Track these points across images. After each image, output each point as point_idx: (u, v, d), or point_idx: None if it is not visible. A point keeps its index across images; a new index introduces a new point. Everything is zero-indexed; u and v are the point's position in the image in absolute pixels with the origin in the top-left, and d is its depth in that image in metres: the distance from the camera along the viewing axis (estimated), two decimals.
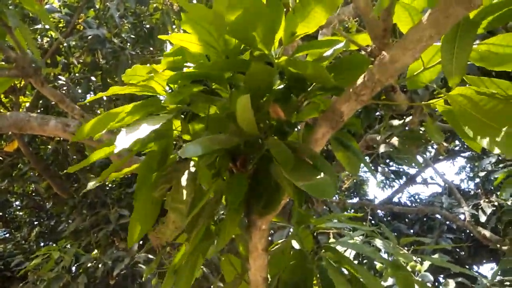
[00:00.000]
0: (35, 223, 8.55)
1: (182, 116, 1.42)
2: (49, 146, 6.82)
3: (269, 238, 1.33)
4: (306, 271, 1.52)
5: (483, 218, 4.45)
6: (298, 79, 1.20)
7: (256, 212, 1.25)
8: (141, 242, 4.61)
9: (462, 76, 0.96)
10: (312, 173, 0.97)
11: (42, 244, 7.49)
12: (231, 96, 1.27)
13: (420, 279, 2.11)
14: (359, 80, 1.03)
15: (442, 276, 4.52)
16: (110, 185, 6.76)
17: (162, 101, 1.35)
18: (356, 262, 1.71)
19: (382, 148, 2.63)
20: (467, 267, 4.20)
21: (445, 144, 4.54)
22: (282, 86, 1.23)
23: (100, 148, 1.25)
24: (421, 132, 2.64)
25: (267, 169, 1.21)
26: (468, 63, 0.98)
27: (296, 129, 1.33)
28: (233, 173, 1.21)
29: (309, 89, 1.26)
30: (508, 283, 2.17)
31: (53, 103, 6.17)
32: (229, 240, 1.21)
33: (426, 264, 2.42)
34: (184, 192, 1.10)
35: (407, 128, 2.60)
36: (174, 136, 1.44)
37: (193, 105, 1.40)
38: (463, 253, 5.00)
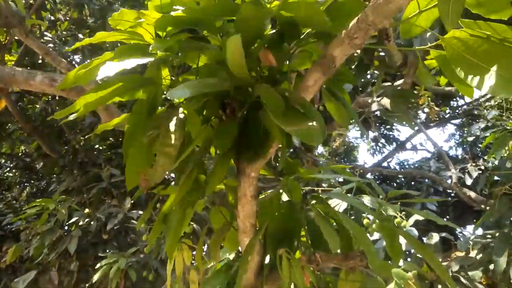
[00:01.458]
0: (26, 184, 8.54)
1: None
2: (37, 106, 6.70)
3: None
4: (294, 220, 1.55)
5: (469, 181, 4.55)
6: (290, 25, 1.17)
7: (246, 159, 1.25)
8: (133, 201, 4.65)
9: (458, 20, 0.94)
10: (301, 120, 0.96)
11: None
12: (222, 44, 1.24)
13: None
14: (352, 23, 1.00)
15: (426, 237, 4.66)
16: (101, 147, 6.74)
17: (150, 48, 1.31)
18: None
19: (374, 106, 2.63)
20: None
21: (436, 108, 4.56)
22: (274, 31, 1.19)
23: (86, 94, 1.22)
24: (413, 92, 2.63)
25: (256, 116, 1.20)
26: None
27: (287, 80, 1.31)
28: (222, 121, 1.20)
29: (301, 36, 1.23)
30: (489, 236, 2.25)
31: (40, 61, 6.01)
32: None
33: (412, 220, 2.49)
34: (173, 136, 1.09)
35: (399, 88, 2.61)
36: (164, 88, 1.42)
37: (183, 54, 1.36)
38: (448, 216, 5.14)
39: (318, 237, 1.62)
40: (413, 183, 5.74)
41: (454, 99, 10.16)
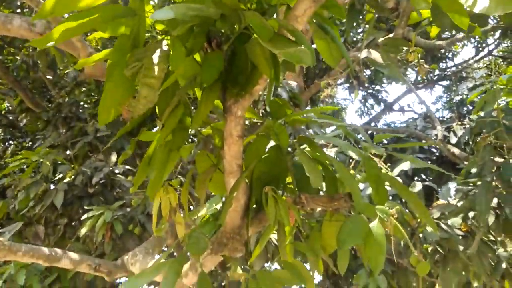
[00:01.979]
0: (10, 142, 8.39)
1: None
2: (18, 58, 6.46)
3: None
4: (280, 164, 1.54)
5: (454, 140, 4.61)
6: None
7: (232, 96, 1.22)
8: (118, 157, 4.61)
9: None
10: (291, 44, 0.92)
11: None
12: None
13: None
14: None
15: (409, 186, 4.77)
16: (86, 105, 6.60)
17: None
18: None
19: (363, 53, 2.58)
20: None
21: (425, 66, 4.53)
22: None
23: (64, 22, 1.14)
24: (404, 40, 2.59)
25: (243, 51, 1.16)
26: None
27: (276, 13, 1.26)
28: (207, 53, 1.15)
29: None
30: (471, 184, 2.30)
31: (18, 10, 5.73)
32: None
33: (397, 170, 2.53)
34: (156, 68, 1.04)
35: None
36: (147, 21, 1.35)
37: None
38: (431, 174, 5.24)
39: (304, 181, 1.63)
40: (399, 142, 5.79)
41: (444, 61, 10.16)
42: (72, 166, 4.57)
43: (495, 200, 2.09)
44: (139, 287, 1.32)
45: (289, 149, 1.61)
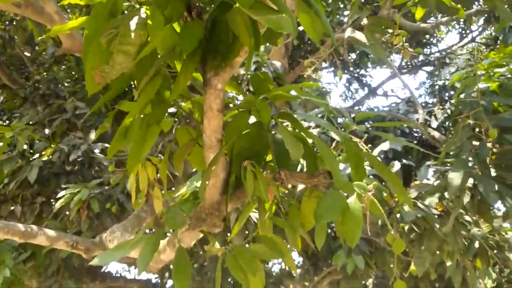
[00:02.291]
0: None
1: None
2: None
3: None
4: (261, 141, 1.53)
5: (434, 124, 4.68)
6: None
7: (212, 68, 1.19)
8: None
9: None
10: (271, 11, 0.90)
11: None
12: None
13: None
14: None
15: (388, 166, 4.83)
16: (66, 83, 6.43)
17: None
18: None
19: (347, 32, 2.57)
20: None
21: (410, 49, 4.54)
22: None
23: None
24: (389, 20, 2.58)
25: (223, 20, 1.12)
26: None
27: None
28: (187, 22, 1.12)
29: None
30: (448, 164, 2.34)
31: None
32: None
33: (376, 151, 2.56)
34: (133, 34, 1.00)
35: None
36: None
37: None
38: (411, 156, 5.32)
39: (284, 158, 1.62)
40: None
41: (428, 46, 10.24)
42: (50, 144, 4.47)
43: (471, 181, 2.14)
44: (114, 260, 1.31)
45: (271, 125, 1.60)
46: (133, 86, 1.54)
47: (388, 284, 6.80)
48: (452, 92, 6.01)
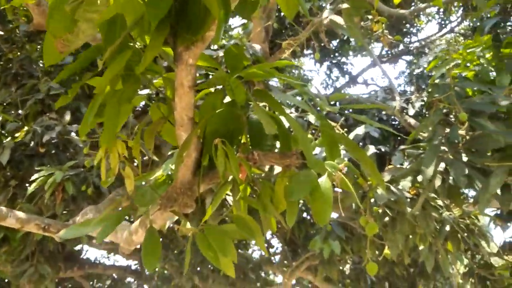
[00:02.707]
0: None
1: None
2: None
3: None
4: (235, 120, 1.51)
5: (412, 111, 4.74)
6: None
7: (182, 43, 1.16)
8: (72, 115, 4.41)
9: None
10: None
11: None
12: None
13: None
14: None
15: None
16: (40, 64, 6.21)
17: None
18: None
19: (325, 13, 2.55)
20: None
21: (389, 37, 4.57)
22: None
23: None
24: (367, 2, 2.58)
25: None
26: None
27: None
28: None
29: None
30: (422, 149, 2.38)
31: None
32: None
33: (352, 135, 2.57)
34: (98, 1, 0.96)
35: None
36: None
37: None
38: (388, 144, 5.40)
39: (258, 138, 1.61)
40: (360, 113, 5.88)
41: (408, 36, 10.35)
42: (23, 125, 4.33)
43: (442, 165, 2.18)
44: (78, 235, 1.28)
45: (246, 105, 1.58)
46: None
47: (365, 270, 6.96)
48: (429, 81, 6.10)
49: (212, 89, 1.58)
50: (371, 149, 2.52)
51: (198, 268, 6.15)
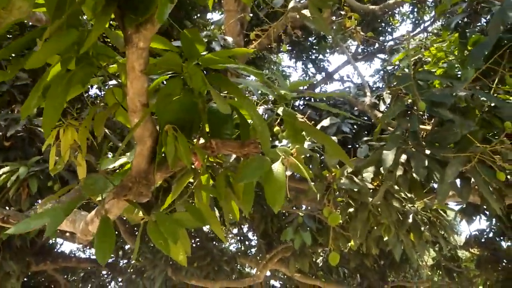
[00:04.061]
0: None
1: None
2: None
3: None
4: (193, 107, 1.48)
5: (382, 107, 4.81)
6: None
7: (132, 25, 1.12)
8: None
9: None
10: None
11: None
12: None
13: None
14: None
15: None
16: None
17: None
18: None
19: (291, 4, 2.54)
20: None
21: (361, 33, 4.61)
22: None
23: None
24: None
25: None
26: None
27: None
28: None
29: None
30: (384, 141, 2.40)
31: None
32: None
33: (319, 126, 2.58)
34: None
35: None
36: None
37: None
38: (360, 138, 5.47)
39: (217, 127, 1.59)
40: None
41: (383, 35, 10.50)
42: None
43: (404, 157, 2.21)
44: (29, 229, 1.23)
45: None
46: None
47: (337, 263, 7.06)
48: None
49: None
50: (326, 121, 2.52)
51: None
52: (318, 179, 2.38)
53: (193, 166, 1.51)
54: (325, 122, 2.76)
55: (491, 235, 6.21)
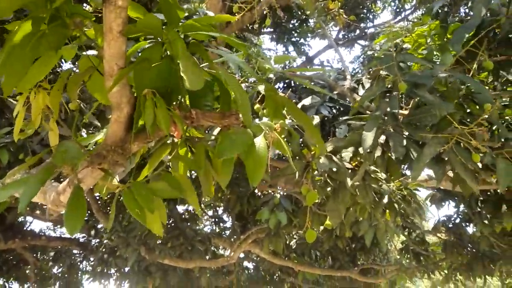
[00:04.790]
0: None
1: None
2: None
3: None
4: (173, 75, 1.43)
5: (361, 92, 4.84)
6: None
7: None
8: None
9: None
10: None
11: None
12: None
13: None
14: None
15: None
16: None
17: None
18: None
19: None
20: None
21: (344, 16, 4.59)
22: None
23: None
24: None
25: None
26: None
27: None
28: None
29: None
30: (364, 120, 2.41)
31: None
32: None
33: (300, 105, 2.57)
34: None
35: None
36: None
37: None
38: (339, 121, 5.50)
39: (197, 98, 1.54)
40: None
41: (365, 22, 10.54)
42: None
43: (383, 138, 2.23)
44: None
45: None
46: None
47: (310, 245, 7.19)
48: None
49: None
50: (316, 119, 2.52)
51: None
52: (297, 158, 2.38)
53: (172, 137, 1.47)
54: (306, 101, 2.74)
55: (457, 221, 6.44)
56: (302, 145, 2.80)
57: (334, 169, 2.33)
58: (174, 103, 1.51)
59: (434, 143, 1.97)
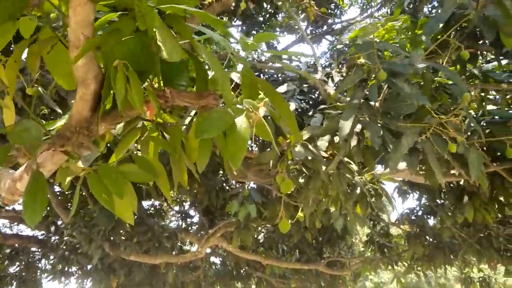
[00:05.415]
0: None
1: None
2: None
3: None
4: (146, 50, 1.32)
5: (331, 84, 4.85)
6: None
7: None
8: None
9: None
10: None
11: None
12: None
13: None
14: None
15: None
16: None
17: None
18: None
19: None
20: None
21: (315, 8, 4.57)
22: None
23: None
24: None
25: None
26: None
27: None
28: None
29: None
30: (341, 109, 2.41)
31: None
32: None
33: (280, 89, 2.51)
34: None
35: None
36: None
37: None
38: (310, 113, 5.51)
39: (172, 76, 1.44)
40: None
41: (332, 18, 10.66)
42: None
43: (359, 127, 2.22)
44: None
45: None
46: None
47: (277, 239, 7.19)
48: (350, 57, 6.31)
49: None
50: (292, 106, 2.47)
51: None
52: (271, 146, 2.32)
53: (144, 117, 1.36)
54: (282, 88, 2.68)
55: (420, 213, 6.64)
56: (276, 133, 2.74)
57: (310, 158, 2.29)
58: (147, 82, 1.41)
59: (412, 132, 1.97)
